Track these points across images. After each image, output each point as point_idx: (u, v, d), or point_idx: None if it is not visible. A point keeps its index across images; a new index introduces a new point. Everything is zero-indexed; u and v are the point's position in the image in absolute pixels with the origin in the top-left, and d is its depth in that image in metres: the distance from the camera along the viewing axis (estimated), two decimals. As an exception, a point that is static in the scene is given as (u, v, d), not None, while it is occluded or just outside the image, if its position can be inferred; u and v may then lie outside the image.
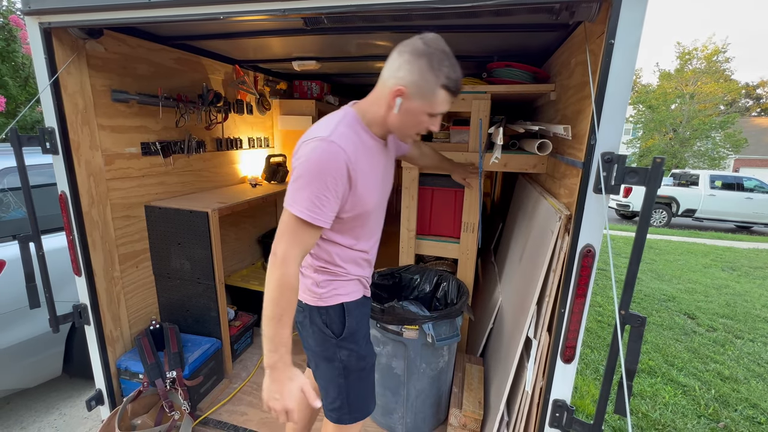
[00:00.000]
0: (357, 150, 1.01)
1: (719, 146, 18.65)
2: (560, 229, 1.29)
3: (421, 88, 0.97)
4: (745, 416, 2.45)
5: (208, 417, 1.95)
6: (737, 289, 4.98)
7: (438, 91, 0.97)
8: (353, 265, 1.20)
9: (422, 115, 1.02)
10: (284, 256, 0.98)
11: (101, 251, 1.82)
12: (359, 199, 1.05)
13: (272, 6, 1.20)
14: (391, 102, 1.00)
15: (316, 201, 0.96)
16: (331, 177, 0.95)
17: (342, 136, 0.98)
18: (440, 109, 1.02)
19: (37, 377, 2.15)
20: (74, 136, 1.63)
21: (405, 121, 1.03)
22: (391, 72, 0.99)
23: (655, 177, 0.97)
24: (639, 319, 1.04)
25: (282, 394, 0.96)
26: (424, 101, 0.98)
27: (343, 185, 0.98)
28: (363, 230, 1.16)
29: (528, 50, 2.09)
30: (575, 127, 1.35)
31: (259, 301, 3.14)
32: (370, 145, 1.08)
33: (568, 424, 1.24)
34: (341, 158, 0.96)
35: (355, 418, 1.25)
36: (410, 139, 1.11)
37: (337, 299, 1.18)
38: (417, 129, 1.06)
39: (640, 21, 0.96)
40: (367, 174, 1.06)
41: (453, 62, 0.98)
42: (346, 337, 1.19)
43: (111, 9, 1.34)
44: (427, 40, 0.97)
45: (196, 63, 2.38)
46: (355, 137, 1.03)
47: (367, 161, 1.05)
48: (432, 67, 0.95)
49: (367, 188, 1.07)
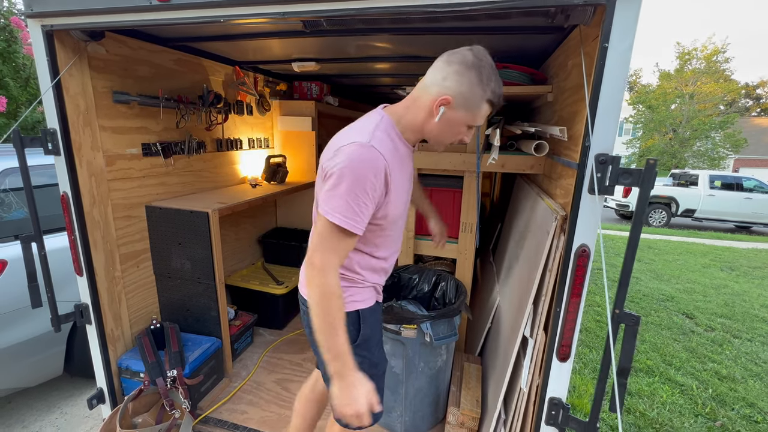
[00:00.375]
0: (393, 156, 1.00)
1: (719, 146, 18.67)
2: (556, 229, 1.30)
3: (468, 100, 0.98)
4: (742, 415, 2.47)
5: (209, 415, 1.96)
6: (736, 289, 5.00)
7: (483, 104, 0.99)
8: (371, 272, 1.19)
9: (462, 126, 1.03)
10: (323, 266, 0.96)
11: (102, 251, 1.83)
12: (389, 206, 1.04)
13: (272, 9, 1.22)
14: (435, 110, 0.99)
15: (356, 207, 0.94)
16: (371, 183, 0.94)
17: (380, 142, 0.97)
18: (480, 121, 1.03)
19: (38, 376, 2.16)
20: (76, 137, 1.65)
21: (444, 130, 1.04)
22: (436, 80, 0.99)
23: (649, 178, 0.98)
24: (633, 318, 1.06)
25: (352, 399, 0.96)
26: (468, 113, 1.00)
27: (381, 191, 0.98)
28: (386, 239, 1.15)
29: (526, 52, 2.11)
30: (571, 129, 1.37)
31: (259, 301, 3.13)
32: (403, 152, 1.07)
33: (564, 422, 1.25)
34: (381, 164, 0.95)
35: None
36: (443, 147, 1.12)
37: (353, 306, 1.17)
38: (453, 139, 1.07)
39: (633, 25, 0.97)
40: (399, 181, 1.05)
41: (498, 77, 0.99)
42: (360, 344, 1.17)
43: (112, 12, 1.36)
44: (478, 52, 0.98)
45: (196, 64, 2.39)
46: (391, 143, 1.02)
47: (399, 168, 1.04)
48: (481, 80, 0.96)
49: (398, 195, 1.06)
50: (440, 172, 2.15)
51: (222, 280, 2.15)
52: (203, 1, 1.25)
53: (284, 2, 1.20)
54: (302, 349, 2.63)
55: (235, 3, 1.24)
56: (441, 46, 2.12)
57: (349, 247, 1.00)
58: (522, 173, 2.37)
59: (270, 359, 2.50)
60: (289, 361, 2.49)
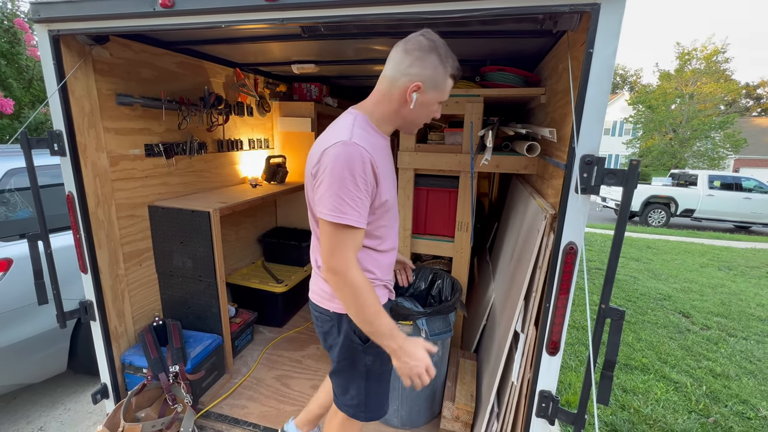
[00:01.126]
0: (374, 149, 1.06)
1: (719, 146, 18.68)
2: (546, 228, 1.34)
3: (435, 80, 1.05)
4: (735, 412, 2.51)
5: (210, 410, 2.01)
6: (733, 288, 5.03)
7: (447, 80, 1.07)
8: (380, 269, 1.23)
9: (434, 105, 1.11)
10: (345, 267, 1.01)
11: (106, 250, 1.88)
12: (382, 195, 1.10)
13: (272, 15, 1.26)
14: (408, 97, 1.06)
15: (352, 203, 0.99)
16: (361, 177, 0.99)
17: (361, 138, 1.03)
18: (447, 96, 1.11)
19: (43, 373, 2.21)
20: (81, 139, 1.69)
21: (419, 113, 1.11)
22: (401, 70, 1.05)
23: (632, 178, 1.02)
24: (618, 313, 1.10)
25: (419, 359, 1.04)
26: (437, 92, 1.07)
27: (371, 183, 1.03)
28: (387, 229, 1.20)
29: (521, 54, 2.15)
30: (561, 130, 1.41)
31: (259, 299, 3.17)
32: (381, 143, 1.14)
33: (553, 414, 1.29)
34: (366, 157, 1.00)
35: (369, 417, 1.29)
36: (416, 129, 1.18)
37: None
38: (427, 119, 1.15)
39: (616, 32, 1.02)
40: (385, 171, 1.11)
41: (451, 52, 1.07)
42: (372, 343, 1.19)
43: (117, 17, 1.40)
44: (429, 35, 1.05)
45: (197, 67, 2.44)
46: (370, 137, 1.08)
47: (382, 158, 1.10)
48: (441, 60, 1.04)
49: (386, 184, 1.12)
50: (437, 173, 2.20)
51: (223, 279, 2.19)
52: (205, 8, 1.29)
53: (283, 9, 1.24)
54: (302, 347, 2.68)
55: (235, 9, 1.28)
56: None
57: (358, 241, 1.05)
58: (517, 173, 2.41)
59: (270, 356, 2.55)
60: (288, 358, 2.53)
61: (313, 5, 1.21)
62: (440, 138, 2.23)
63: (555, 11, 1.07)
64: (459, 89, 2.05)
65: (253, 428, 1.90)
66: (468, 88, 2.04)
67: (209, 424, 1.93)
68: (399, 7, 1.15)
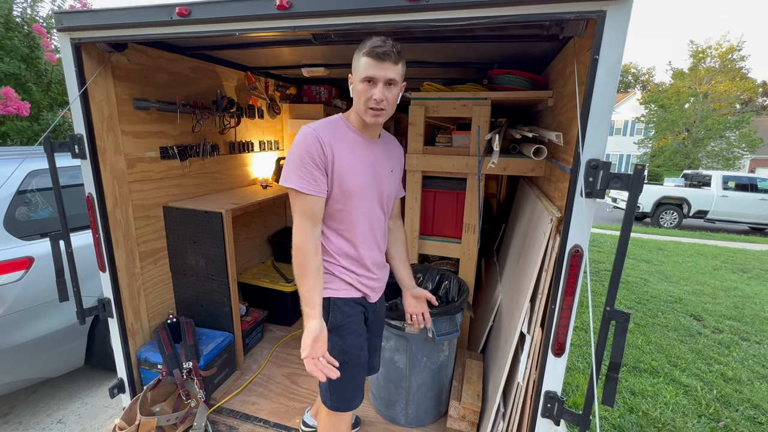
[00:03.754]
0: (334, 134, 1.21)
1: (734, 146, 18.28)
2: (552, 231, 1.36)
3: (355, 66, 1.19)
4: (746, 416, 2.48)
5: (222, 406, 2.06)
6: (747, 291, 4.94)
7: (361, 59, 1.16)
8: (344, 257, 1.31)
9: (359, 85, 1.18)
10: (295, 228, 1.19)
11: (123, 249, 1.94)
12: (341, 175, 1.21)
13: (284, 24, 1.30)
14: (353, 94, 1.22)
15: (300, 173, 1.17)
16: (307, 152, 1.16)
17: (320, 125, 1.20)
18: (365, 73, 1.16)
19: (61, 367, 2.29)
20: (100, 142, 1.76)
21: (356, 99, 1.22)
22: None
23: (637, 182, 1.04)
24: (623, 315, 1.11)
25: (304, 343, 1.16)
26: (356, 74, 1.19)
27: (320, 158, 1.17)
28: (348, 214, 1.26)
29: (529, 57, 2.16)
30: (568, 134, 1.42)
31: (269, 298, 3.23)
32: (352, 136, 1.26)
33: (558, 414, 1.31)
34: (313, 136, 1.17)
35: (336, 407, 1.34)
36: (367, 115, 1.22)
37: (326, 293, 1.29)
38: (362, 99, 1.20)
39: (622, 38, 1.03)
40: (347, 155, 1.22)
41: (379, 40, 1.13)
42: (331, 330, 1.29)
43: (136, 26, 1.46)
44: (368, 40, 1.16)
45: (210, 71, 2.50)
46: (335, 127, 1.24)
47: (347, 146, 1.23)
48: (359, 48, 1.17)
49: (348, 167, 1.22)
50: (444, 175, 2.22)
51: (234, 278, 2.24)
52: (220, 17, 1.34)
53: (295, 17, 1.28)
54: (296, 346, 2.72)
55: (249, 18, 1.32)
56: (444, 53, 2.20)
57: (309, 208, 1.19)
58: (524, 176, 2.42)
59: (279, 354, 2.60)
60: (297, 357, 2.58)
61: (324, 14, 1.25)
62: (448, 140, 2.25)
63: (561, 18, 1.09)
64: (466, 92, 2.07)
65: (263, 424, 1.95)
66: (475, 91, 2.05)
67: (221, 419, 1.98)
68: (407, 15, 1.18)
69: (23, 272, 2.03)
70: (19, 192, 2.14)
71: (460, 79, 2.50)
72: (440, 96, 2.08)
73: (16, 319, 2.00)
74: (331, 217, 1.27)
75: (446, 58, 2.34)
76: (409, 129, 2.15)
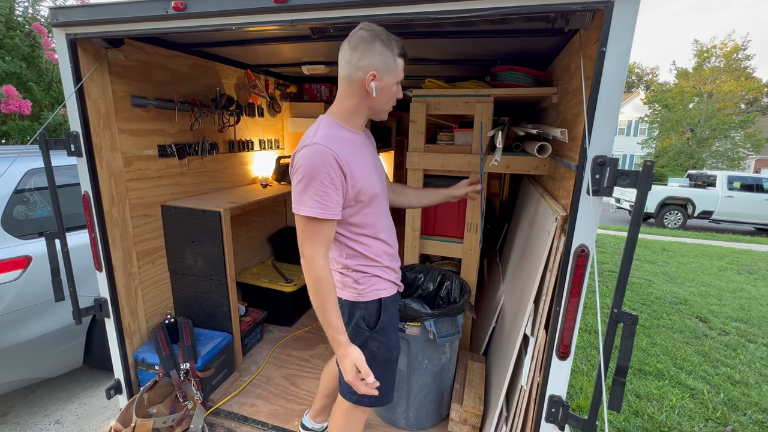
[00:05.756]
0: (342, 145, 1.13)
1: (739, 146, 18.14)
2: (557, 230, 1.32)
3: (387, 65, 1.12)
4: (755, 420, 2.43)
5: (220, 407, 2.03)
6: (753, 292, 4.88)
7: (398, 60, 1.14)
8: (386, 257, 1.31)
9: (393, 87, 1.18)
10: (311, 257, 1.11)
11: (120, 248, 1.92)
12: (361, 183, 1.17)
13: (281, 17, 1.27)
14: (368, 88, 1.13)
15: (319, 198, 1.08)
16: (326, 173, 1.08)
17: (324, 138, 1.11)
18: (402, 75, 1.18)
19: (60, 367, 2.27)
20: (96, 140, 1.73)
21: (382, 99, 1.18)
22: (353, 66, 1.12)
23: (646, 179, 1.00)
24: (631, 318, 1.07)
25: (343, 369, 1.14)
26: (391, 74, 1.15)
27: (338, 177, 1.11)
28: (376, 216, 1.26)
29: (532, 54, 2.12)
30: (573, 131, 1.39)
31: (269, 298, 3.20)
32: (352, 138, 1.21)
33: (563, 419, 1.27)
34: (329, 155, 1.08)
35: (373, 402, 1.35)
36: (386, 113, 1.23)
37: (376, 294, 1.30)
38: (392, 101, 1.21)
39: (630, 30, 0.99)
40: (359, 162, 1.18)
41: (392, 35, 1.13)
42: (379, 330, 1.29)
43: (132, 21, 1.43)
44: (367, 27, 1.12)
45: (209, 68, 2.47)
46: (337, 136, 1.16)
47: (354, 152, 1.18)
48: (386, 45, 1.11)
49: (364, 173, 1.19)
50: (446, 173, 2.18)
51: (233, 278, 2.22)
52: (216, 10, 1.31)
53: (293, 10, 1.25)
54: (310, 346, 2.69)
55: (245, 11, 1.29)
56: (446, 49, 2.16)
57: (329, 232, 1.14)
58: (528, 174, 2.38)
59: (279, 355, 2.57)
60: (297, 357, 2.55)
61: (322, 6, 1.22)
62: (450, 138, 2.22)
63: (567, 9, 1.05)
64: (469, 89, 2.03)
65: (261, 426, 1.92)
66: (478, 88, 2.02)
67: (219, 421, 1.95)
68: (407, 7, 1.15)
69: (21, 271, 2.01)
70: (18, 191, 2.12)
71: (462, 76, 2.46)
72: (442, 93, 2.05)
73: (14, 319, 1.98)
74: (361, 225, 1.24)
75: (448, 54, 2.30)
76: (411, 127, 2.11)
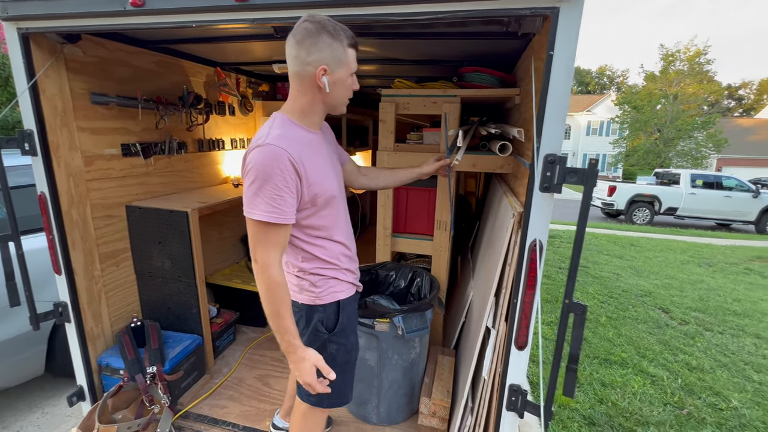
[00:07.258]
0: (297, 146, 1.08)
1: (702, 146, 19.13)
2: (514, 225, 1.37)
3: (337, 57, 1.07)
4: (708, 403, 2.59)
5: (189, 411, 2.00)
6: (711, 284, 5.17)
7: (348, 51, 1.09)
8: (344, 259, 1.29)
9: (347, 79, 1.13)
10: (264, 262, 1.07)
11: (81, 250, 1.86)
12: (317, 185, 1.13)
13: (242, 16, 1.27)
14: (320, 83, 1.08)
15: (272, 202, 1.03)
16: (279, 176, 1.02)
17: (278, 138, 1.05)
18: (355, 65, 1.14)
19: (18, 376, 2.17)
20: (53, 138, 1.67)
21: (337, 93, 1.13)
22: (302, 61, 1.07)
23: (591, 177, 1.06)
24: (581, 308, 1.13)
25: (303, 371, 1.11)
26: (343, 66, 1.10)
27: (293, 180, 1.06)
28: (333, 218, 1.23)
29: (499, 56, 2.18)
30: (530, 131, 1.44)
31: (242, 299, 3.16)
32: (308, 138, 1.15)
33: (522, 407, 1.32)
34: (283, 156, 1.03)
35: (333, 403, 1.35)
36: (344, 106, 1.20)
37: (334, 296, 1.28)
38: (348, 93, 1.17)
39: (575, 34, 1.05)
40: (315, 163, 1.14)
41: (340, 24, 1.08)
42: (338, 332, 1.28)
43: (87, 16, 1.39)
44: (312, 18, 1.06)
45: (176, 66, 2.42)
46: (291, 135, 1.10)
47: (310, 152, 1.13)
48: (333, 37, 1.05)
49: (321, 174, 1.15)
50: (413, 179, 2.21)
51: (203, 279, 2.18)
52: (175, 7, 1.29)
53: (254, 9, 1.25)
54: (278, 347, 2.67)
55: (206, 9, 1.28)
56: (416, 50, 2.20)
57: (283, 237, 1.09)
58: (495, 172, 2.45)
59: (252, 356, 2.54)
60: (270, 358, 2.53)
61: (283, 6, 1.22)
62: (419, 138, 2.26)
63: (518, 14, 1.09)
64: (436, 89, 2.07)
65: (232, 428, 1.90)
66: (445, 89, 2.06)
67: (188, 425, 1.92)
68: (365, 9, 1.17)
69: (-26, 277, 1.92)
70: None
71: (432, 77, 2.50)
72: (410, 93, 2.08)
73: (-34, 326, 1.89)
74: (318, 227, 1.20)
75: (418, 55, 2.34)
76: (380, 126, 2.14)
